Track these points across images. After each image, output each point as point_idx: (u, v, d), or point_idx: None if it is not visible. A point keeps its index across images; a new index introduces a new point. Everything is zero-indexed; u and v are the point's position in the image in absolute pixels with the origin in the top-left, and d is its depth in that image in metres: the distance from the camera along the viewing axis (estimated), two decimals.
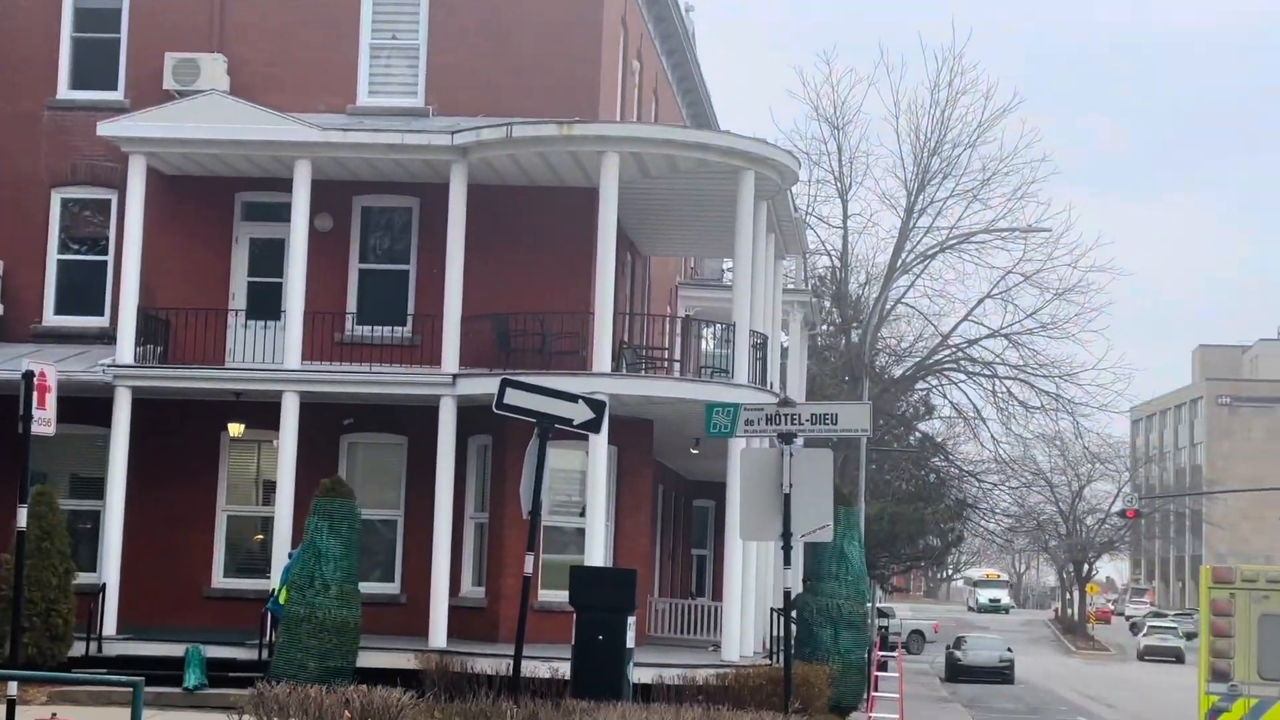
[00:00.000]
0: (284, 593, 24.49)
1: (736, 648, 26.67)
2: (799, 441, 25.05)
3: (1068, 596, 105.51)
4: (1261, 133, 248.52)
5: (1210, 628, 23.71)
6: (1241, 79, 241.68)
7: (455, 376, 26.58)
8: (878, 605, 63.96)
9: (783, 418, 17.94)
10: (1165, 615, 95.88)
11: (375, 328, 28.08)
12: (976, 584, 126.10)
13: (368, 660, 24.69)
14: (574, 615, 18.72)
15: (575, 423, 17.70)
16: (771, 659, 27.45)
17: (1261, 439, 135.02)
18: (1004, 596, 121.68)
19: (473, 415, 26.48)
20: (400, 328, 28.35)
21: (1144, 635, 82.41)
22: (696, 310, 39.92)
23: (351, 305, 28.61)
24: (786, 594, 18.11)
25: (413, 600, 27.52)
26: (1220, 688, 23.52)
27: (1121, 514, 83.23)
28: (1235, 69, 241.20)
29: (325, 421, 28.00)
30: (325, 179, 27.76)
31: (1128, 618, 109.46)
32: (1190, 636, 74.48)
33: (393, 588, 28.33)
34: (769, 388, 29.38)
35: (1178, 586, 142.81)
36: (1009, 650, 56.52)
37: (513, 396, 17.56)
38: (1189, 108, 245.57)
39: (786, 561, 17.55)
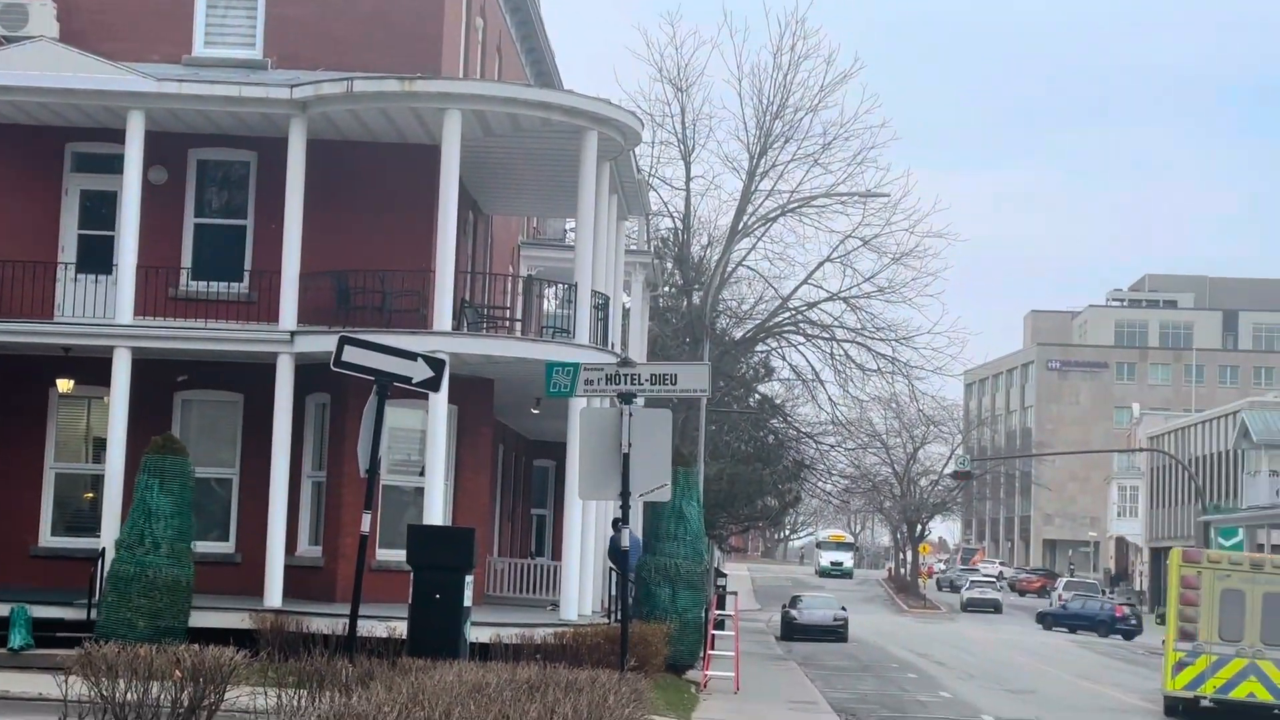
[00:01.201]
0: None
1: (575, 607, 26.78)
2: (639, 402, 25.16)
3: (901, 556, 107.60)
4: (1096, 105, 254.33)
5: (1180, 598, 29.74)
6: (1077, 52, 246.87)
7: (293, 334, 26.24)
8: (717, 565, 64.64)
9: (622, 378, 17.97)
10: (972, 571, 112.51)
11: (211, 283, 27.61)
12: (820, 545, 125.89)
13: (201, 620, 24.36)
14: (411, 574, 18.62)
15: (414, 381, 17.57)
16: (610, 618, 27.62)
17: (1088, 403, 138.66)
18: (846, 560, 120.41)
19: (311, 373, 26.19)
20: (237, 284, 27.91)
21: (966, 589, 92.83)
22: (539, 270, 39.81)
23: (186, 260, 28.09)
24: (624, 553, 18.18)
25: (248, 559, 27.19)
26: (1186, 646, 29.63)
27: (954, 475, 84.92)
28: (1073, 42, 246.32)
29: (158, 378, 27.50)
30: (160, 130, 27.19)
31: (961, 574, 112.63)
32: (1025, 594, 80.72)
33: (227, 547, 27.97)
34: (610, 348, 29.46)
35: (1007, 546, 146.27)
36: (843, 609, 57.46)
37: (351, 354, 17.38)
38: (1028, 79, 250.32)
39: (625, 520, 17.62)
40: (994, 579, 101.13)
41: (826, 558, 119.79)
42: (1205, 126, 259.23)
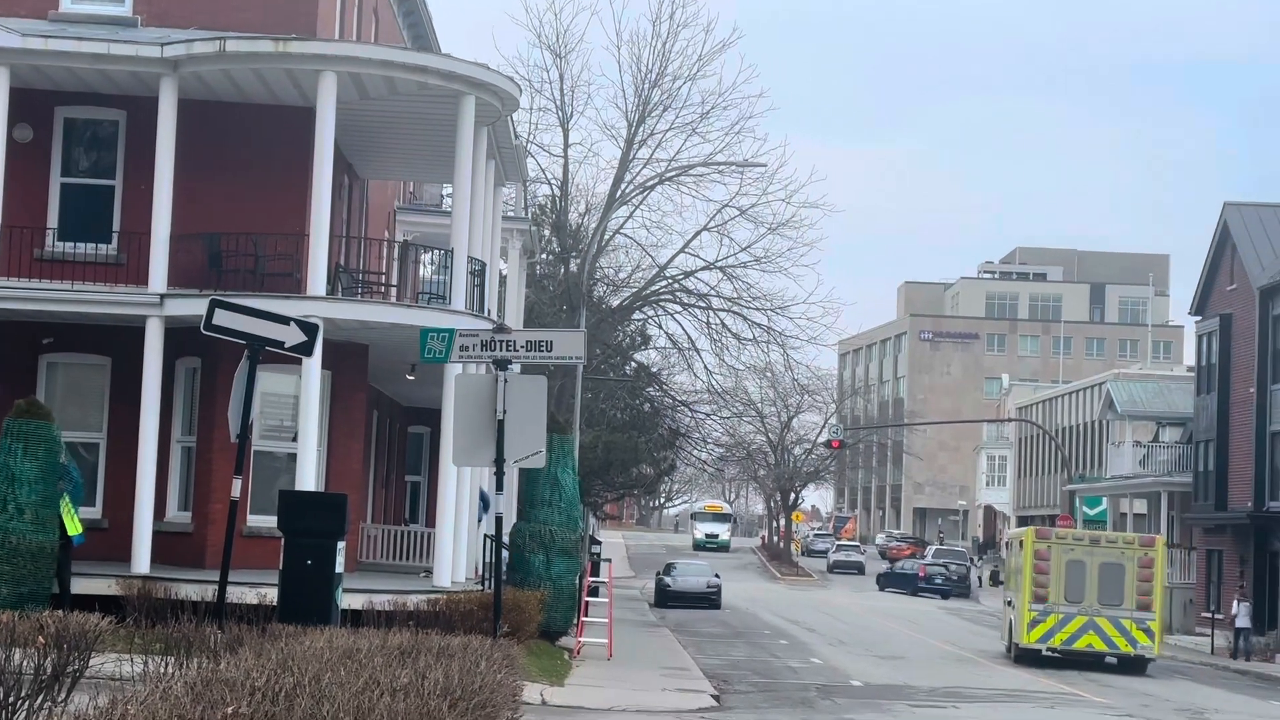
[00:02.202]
0: (72, 522, 23.54)
1: (449, 573, 26.73)
2: (515, 368, 25.13)
3: (775, 524, 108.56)
4: (973, 79, 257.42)
5: (1033, 568, 36.20)
6: (957, 26, 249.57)
7: (163, 297, 25.86)
8: (592, 532, 64.76)
9: (498, 344, 17.93)
10: (830, 536, 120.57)
11: (78, 244, 27.10)
12: (695, 516, 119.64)
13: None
14: (283, 541, 18.47)
15: (287, 346, 17.40)
16: (484, 585, 27.62)
17: (959, 373, 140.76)
18: (723, 532, 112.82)
19: (182, 337, 25.83)
20: (105, 245, 27.40)
21: (833, 553, 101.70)
22: (415, 235, 39.56)
23: (53, 220, 27.51)
24: (498, 519, 18.18)
25: (115, 525, 26.79)
26: (1039, 607, 36.21)
27: (827, 444, 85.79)
28: (954, 17, 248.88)
29: (23, 341, 26.98)
30: (25, 87, 26.60)
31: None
32: (894, 561, 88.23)
33: (94, 512, 27.50)
34: (486, 314, 29.36)
35: (878, 514, 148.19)
36: (716, 576, 57.90)
37: (222, 318, 17.17)
38: (907, 52, 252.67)
39: (499, 487, 17.61)
40: (857, 544, 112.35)
41: (702, 530, 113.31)
42: (1079, 103, 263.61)
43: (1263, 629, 49.94)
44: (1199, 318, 58.59)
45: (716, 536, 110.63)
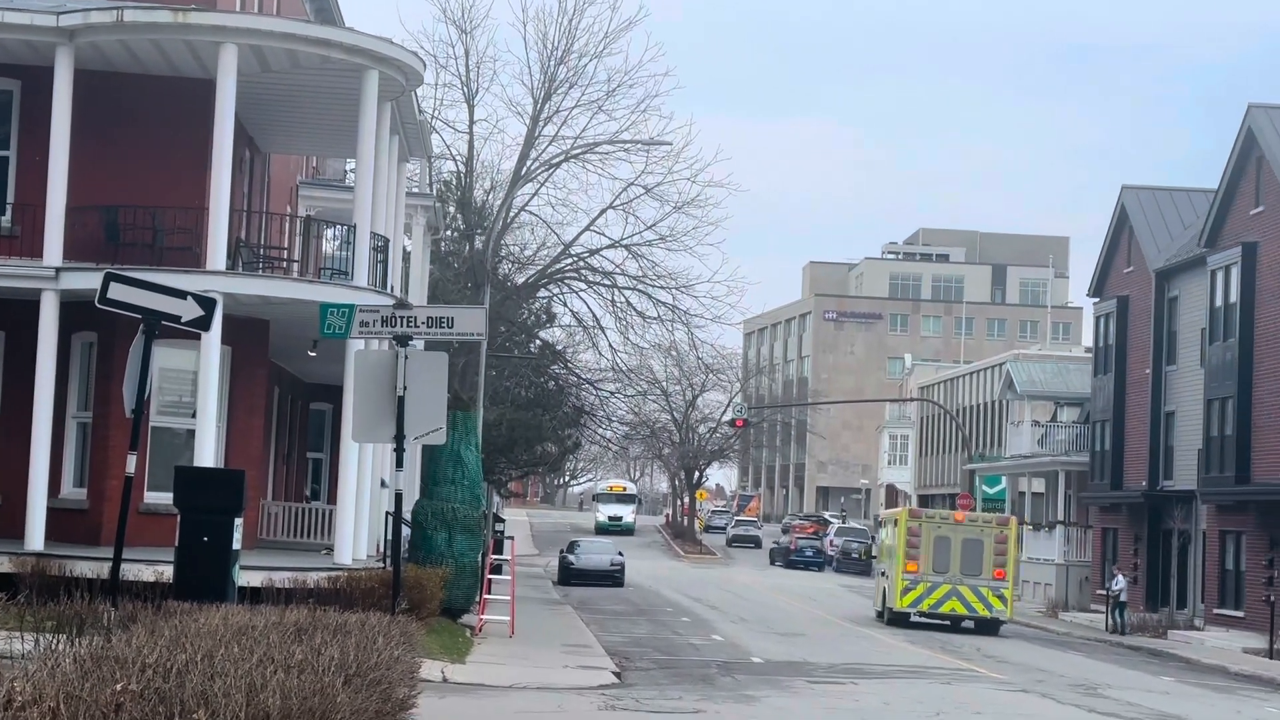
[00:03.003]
0: None
1: (350, 551, 26.60)
2: (419, 345, 25.01)
3: (679, 503, 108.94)
4: (877, 60, 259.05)
5: (906, 544, 41.32)
6: (863, 6, 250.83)
7: (58, 270, 25.48)
8: (495, 510, 64.63)
9: (398, 320, 17.83)
10: (726, 513, 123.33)
11: None
12: (598, 497, 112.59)
13: None
14: (179, 517, 18.27)
15: (184, 320, 17.18)
16: (385, 562, 27.50)
17: (863, 353, 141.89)
18: (627, 514, 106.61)
19: (78, 311, 25.46)
20: None
21: (731, 528, 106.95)
22: (318, 210, 39.22)
23: None
24: (398, 496, 18.10)
25: (9, 502, 26.38)
26: (910, 576, 41.25)
27: (731, 423, 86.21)
28: None
29: None
30: None
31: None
32: (796, 534, 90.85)
33: None
34: (389, 291, 29.19)
35: (782, 493, 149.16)
36: (620, 554, 58.05)
37: (117, 291, 16.91)
38: (813, 33, 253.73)
39: (399, 464, 17.53)
40: (755, 520, 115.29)
41: (604, 512, 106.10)
42: (984, 86, 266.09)
43: (1156, 606, 50.85)
44: (1097, 299, 59.42)
45: (620, 519, 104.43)
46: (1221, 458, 46.12)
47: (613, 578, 55.38)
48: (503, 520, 48.59)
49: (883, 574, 44.95)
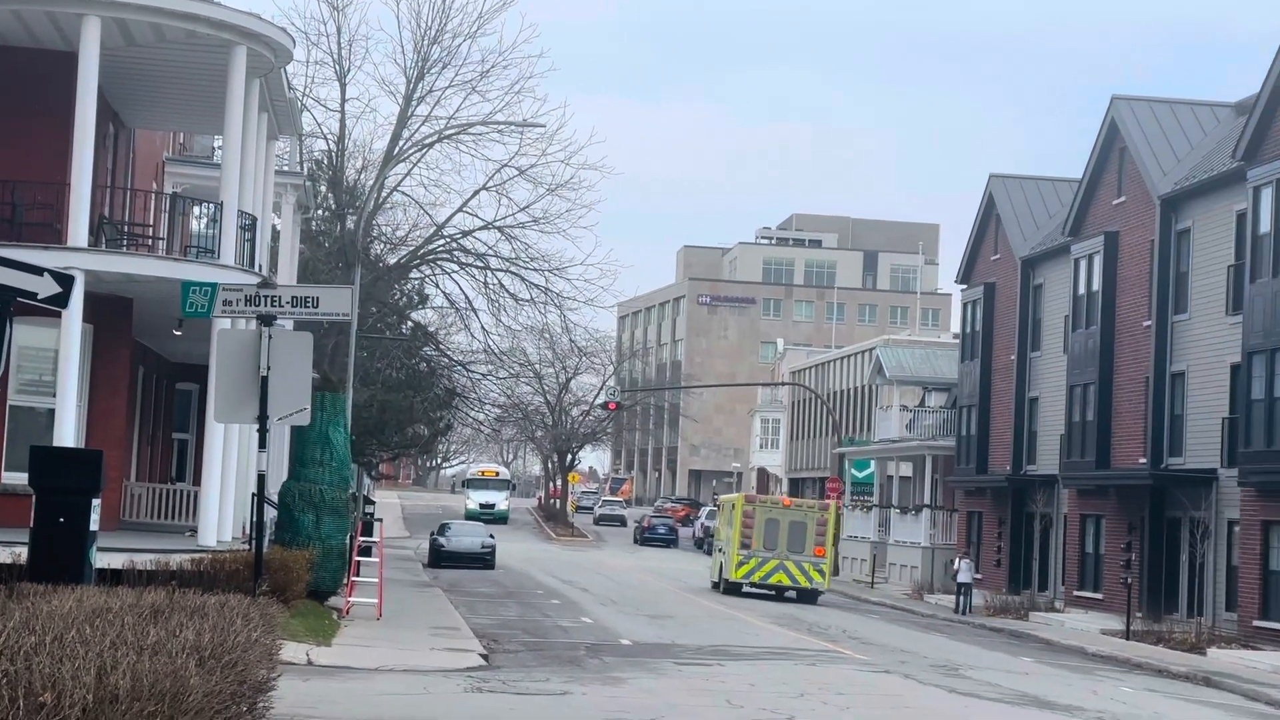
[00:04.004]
0: None
1: (214, 532, 26.28)
2: (287, 325, 24.74)
3: (552, 485, 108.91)
4: (755, 48, 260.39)
5: (742, 525, 47.36)
6: None
7: None
8: (365, 492, 64.13)
9: (262, 299, 17.63)
10: (596, 494, 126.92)
11: None
12: (468, 483, 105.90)
13: None
14: (34, 497, 17.91)
15: (40, 297, 16.75)
16: (252, 544, 27.20)
17: (736, 337, 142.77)
18: (500, 501, 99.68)
19: None
20: None
21: (599, 508, 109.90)
22: (185, 188, 38.60)
23: None
24: (260, 477, 17.92)
25: None
26: (744, 552, 47.39)
27: (604, 406, 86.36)
28: None
29: None
30: None
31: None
32: (650, 514, 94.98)
33: None
34: (257, 270, 28.84)
35: (654, 476, 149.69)
36: (491, 537, 57.94)
37: None
38: (691, 19, 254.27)
39: (262, 445, 17.35)
40: (620, 500, 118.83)
41: (475, 498, 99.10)
42: (860, 73, 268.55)
43: (1018, 588, 51.76)
44: (965, 286, 60.29)
45: (492, 506, 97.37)
46: (1083, 443, 47.04)
47: (483, 560, 55.25)
48: (372, 502, 48.26)
49: (720, 550, 51.20)
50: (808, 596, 47.71)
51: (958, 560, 50.12)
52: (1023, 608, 46.63)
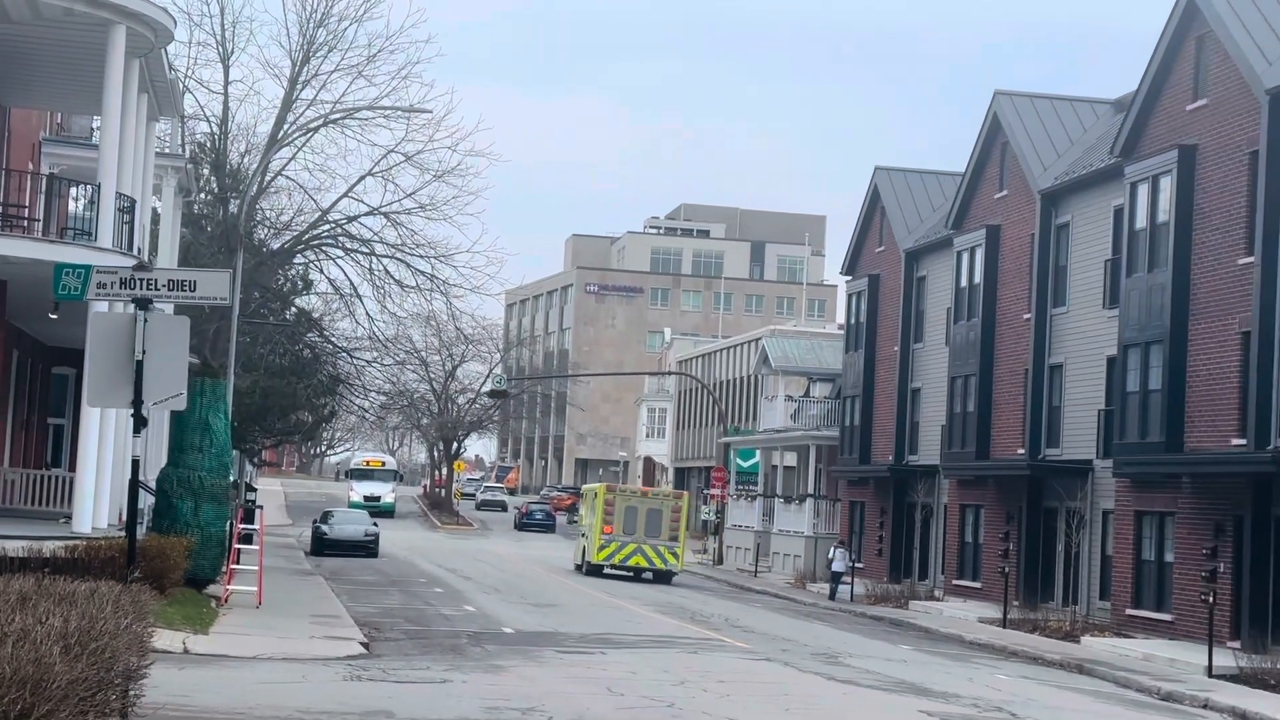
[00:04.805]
0: None
1: (90, 519, 25.87)
2: (167, 309, 24.35)
3: (437, 473, 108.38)
4: (645, 40, 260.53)
5: (604, 513, 51.58)
6: None
7: None
8: (247, 479, 63.42)
9: (138, 282, 17.33)
10: (480, 480, 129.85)
11: None
12: (352, 473, 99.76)
13: None
14: None
15: None
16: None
17: (623, 326, 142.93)
18: (386, 493, 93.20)
19: None
20: None
21: (481, 493, 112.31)
22: (63, 169, 37.86)
23: None
24: (135, 462, 17.64)
25: None
26: (606, 537, 51.50)
27: (491, 394, 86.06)
28: None
29: None
30: None
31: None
32: (557, 510, 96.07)
33: None
34: (137, 253, 28.41)
35: (541, 465, 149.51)
36: (374, 525, 57.58)
37: None
38: (583, 9, 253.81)
39: (137, 430, 17.08)
40: (501, 487, 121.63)
41: (360, 490, 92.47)
42: (749, 65, 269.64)
43: (899, 577, 52.34)
44: (850, 278, 60.79)
45: (378, 499, 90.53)
46: (963, 434, 47.64)
47: (367, 548, 54.90)
48: (254, 489, 47.77)
49: (583, 535, 55.21)
50: (663, 577, 51.94)
51: (833, 549, 50.70)
52: (903, 596, 47.14)
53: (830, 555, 50.66)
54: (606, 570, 52.03)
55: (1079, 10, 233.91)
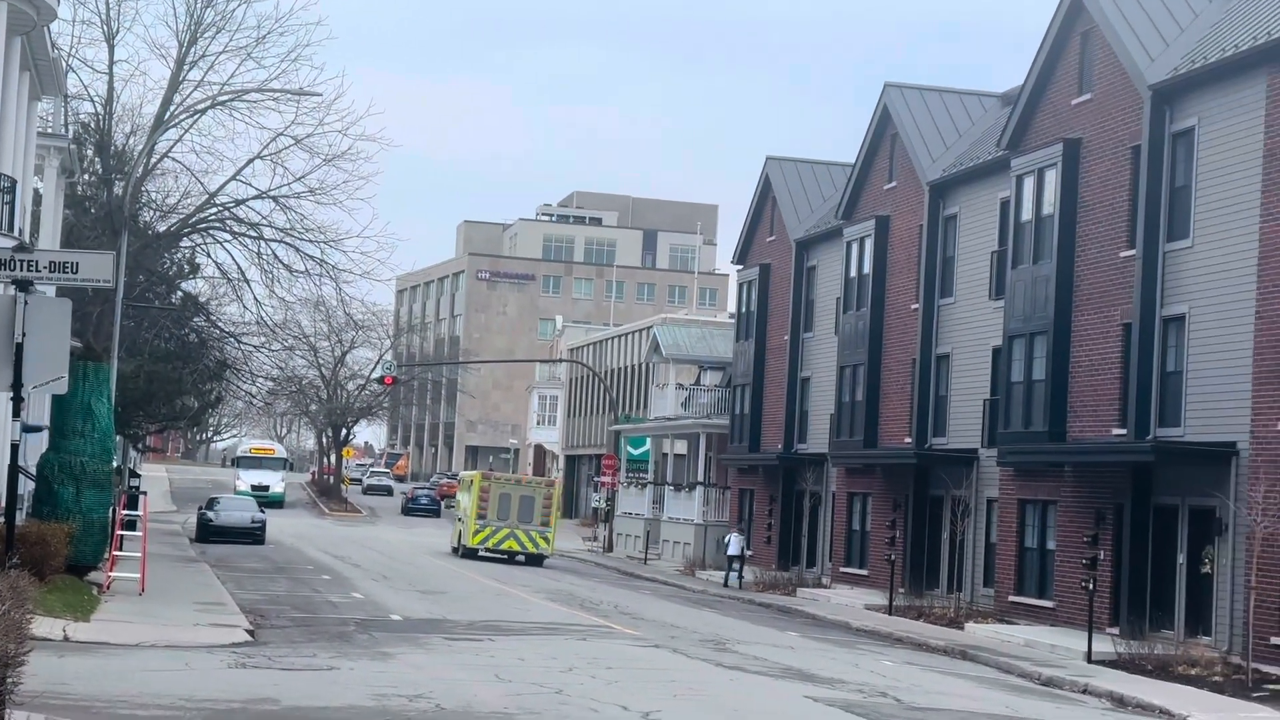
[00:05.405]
0: None
1: None
2: (49, 291, 23.94)
3: (326, 460, 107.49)
4: (540, 27, 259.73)
5: (479, 499, 54.08)
6: None
7: None
8: (131, 465, 62.58)
9: (18, 263, 17.02)
10: (367, 466, 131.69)
11: None
12: (239, 461, 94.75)
13: None
14: None
15: None
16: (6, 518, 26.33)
17: (515, 313, 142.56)
18: (275, 483, 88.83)
19: None
20: None
21: (368, 478, 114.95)
22: None
23: None
24: (14, 447, 17.34)
25: None
26: (481, 522, 53.94)
27: (380, 380, 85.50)
28: None
29: None
30: None
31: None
32: (446, 497, 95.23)
33: None
34: (17, 234, 27.84)
35: (431, 452, 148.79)
36: (261, 511, 57.03)
37: None
38: None
39: (16, 413, 16.77)
40: (387, 471, 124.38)
41: (247, 479, 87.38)
42: (644, 55, 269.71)
43: (788, 564, 52.71)
44: (741, 267, 61.05)
45: (267, 489, 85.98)
46: (852, 423, 48.04)
47: (253, 535, 54.37)
48: (138, 475, 47.18)
49: (459, 520, 57.70)
50: (535, 560, 54.40)
51: (730, 534, 51.00)
52: (791, 584, 47.48)
53: (726, 540, 50.97)
54: (481, 553, 53.97)
55: (977, 5, 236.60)
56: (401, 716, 16.79)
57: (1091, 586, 31.06)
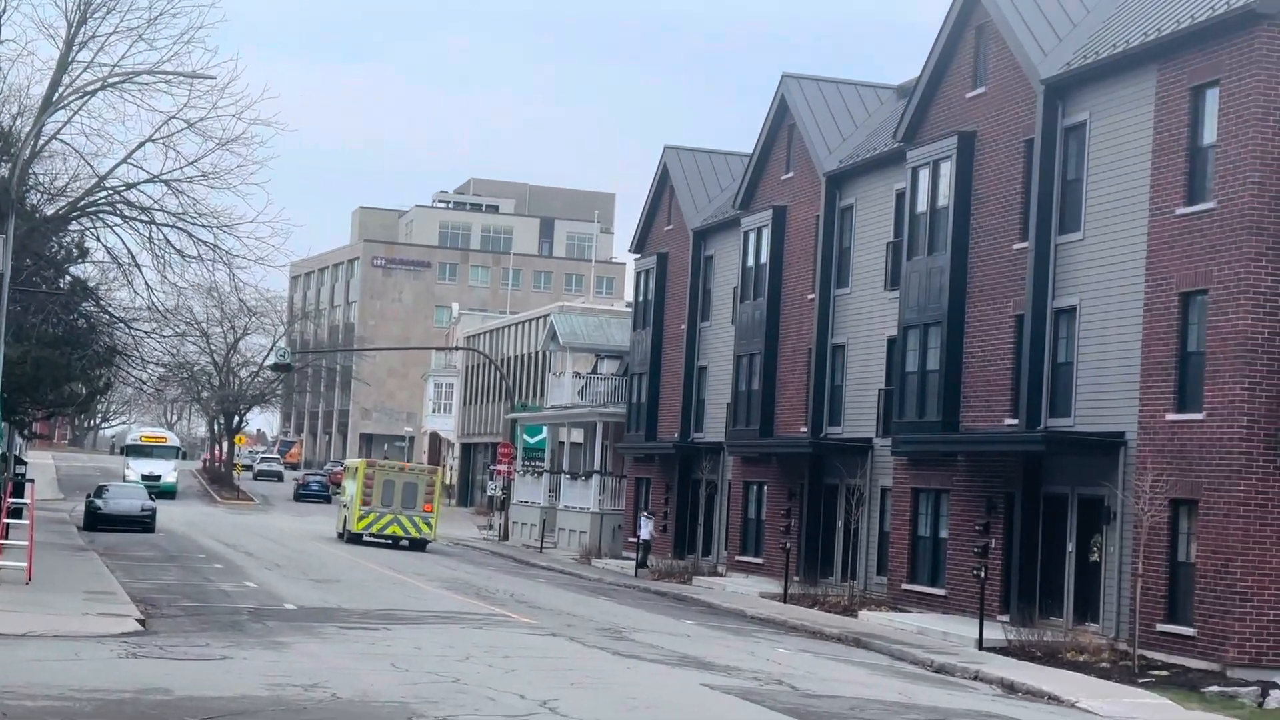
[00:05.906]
0: None
1: None
2: None
3: (218, 448, 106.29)
4: (440, 14, 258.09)
5: (364, 486, 55.46)
6: None
7: None
8: (16, 452, 61.39)
9: None
10: (259, 452, 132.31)
11: None
12: (129, 449, 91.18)
13: None
14: None
15: None
16: None
17: (411, 301, 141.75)
18: (167, 472, 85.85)
19: None
20: None
21: (258, 464, 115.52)
22: None
23: None
24: None
25: None
26: (366, 508, 55.20)
27: (274, 367, 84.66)
28: None
29: None
30: None
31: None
32: (338, 485, 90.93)
33: None
34: None
35: (325, 439, 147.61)
36: (151, 499, 56.32)
37: None
38: None
39: None
40: (278, 457, 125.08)
41: (137, 469, 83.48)
42: (546, 43, 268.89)
43: (683, 553, 52.89)
44: (638, 256, 61.09)
45: (158, 478, 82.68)
46: (748, 412, 48.25)
47: (143, 524, 53.69)
48: (24, 463, 46.33)
49: (344, 506, 59.18)
50: (418, 545, 55.87)
51: (641, 518, 51.54)
52: (687, 572, 47.64)
53: (637, 524, 51.23)
54: (366, 538, 55.45)
55: None
56: (296, 706, 16.65)
57: (983, 574, 31.45)
